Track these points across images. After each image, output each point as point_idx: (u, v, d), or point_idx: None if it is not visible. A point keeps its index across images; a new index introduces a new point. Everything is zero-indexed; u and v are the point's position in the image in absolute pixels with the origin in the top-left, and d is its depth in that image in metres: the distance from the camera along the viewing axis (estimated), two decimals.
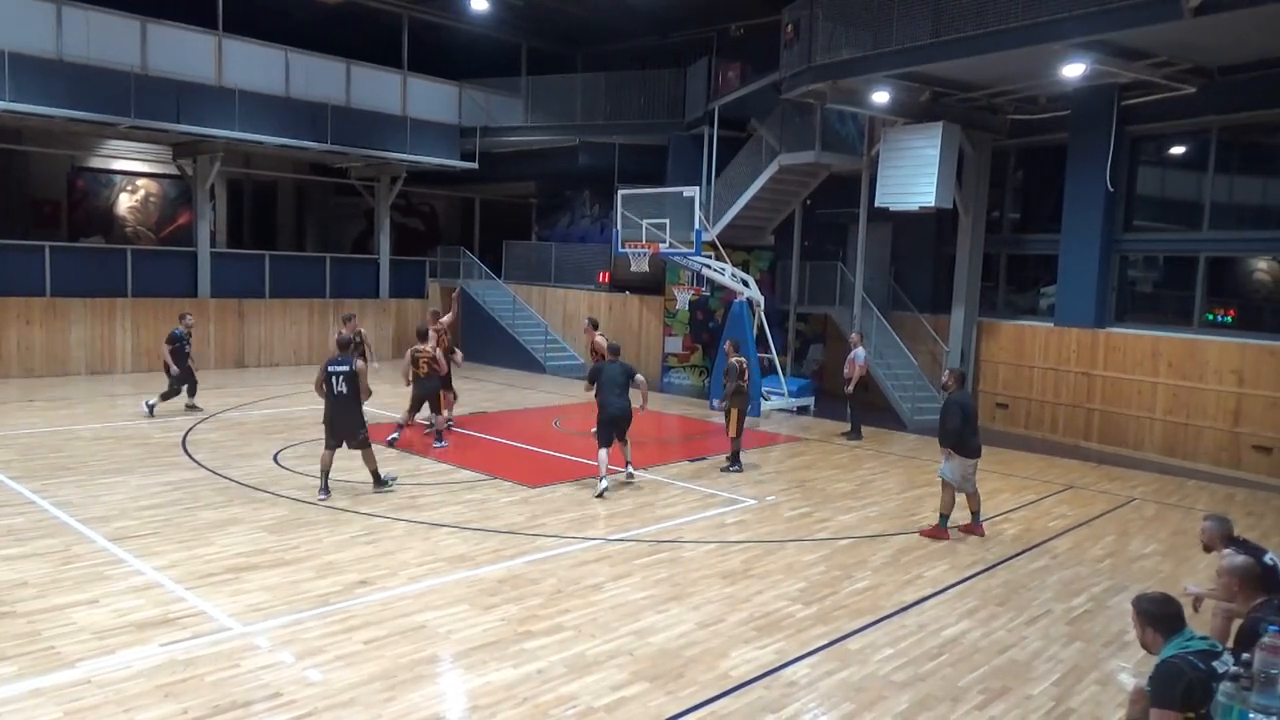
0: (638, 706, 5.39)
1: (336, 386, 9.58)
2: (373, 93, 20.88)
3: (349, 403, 9.63)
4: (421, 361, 12.29)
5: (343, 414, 9.65)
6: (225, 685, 5.39)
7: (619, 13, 21.17)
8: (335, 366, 9.64)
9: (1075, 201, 15.12)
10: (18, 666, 5.51)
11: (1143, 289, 15.72)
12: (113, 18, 17.08)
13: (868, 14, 14.06)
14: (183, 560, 7.54)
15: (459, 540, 8.43)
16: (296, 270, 22.16)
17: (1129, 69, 12.52)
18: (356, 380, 9.60)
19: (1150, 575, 8.35)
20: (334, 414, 9.66)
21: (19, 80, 15.80)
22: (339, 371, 9.59)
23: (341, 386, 9.57)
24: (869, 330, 16.70)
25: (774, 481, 11.54)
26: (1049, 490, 11.72)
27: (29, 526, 8.29)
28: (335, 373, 9.59)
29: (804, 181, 18.54)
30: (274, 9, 19.93)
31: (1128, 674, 6.14)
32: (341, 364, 9.66)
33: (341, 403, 9.61)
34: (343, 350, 10.02)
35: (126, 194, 23.49)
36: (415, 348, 12.46)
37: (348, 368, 9.62)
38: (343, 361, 9.70)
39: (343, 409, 9.64)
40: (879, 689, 5.78)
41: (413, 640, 6.16)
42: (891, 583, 7.81)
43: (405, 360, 12.49)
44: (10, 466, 10.46)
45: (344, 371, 9.59)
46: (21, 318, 17.54)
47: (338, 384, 9.58)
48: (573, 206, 25.73)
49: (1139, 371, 14.45)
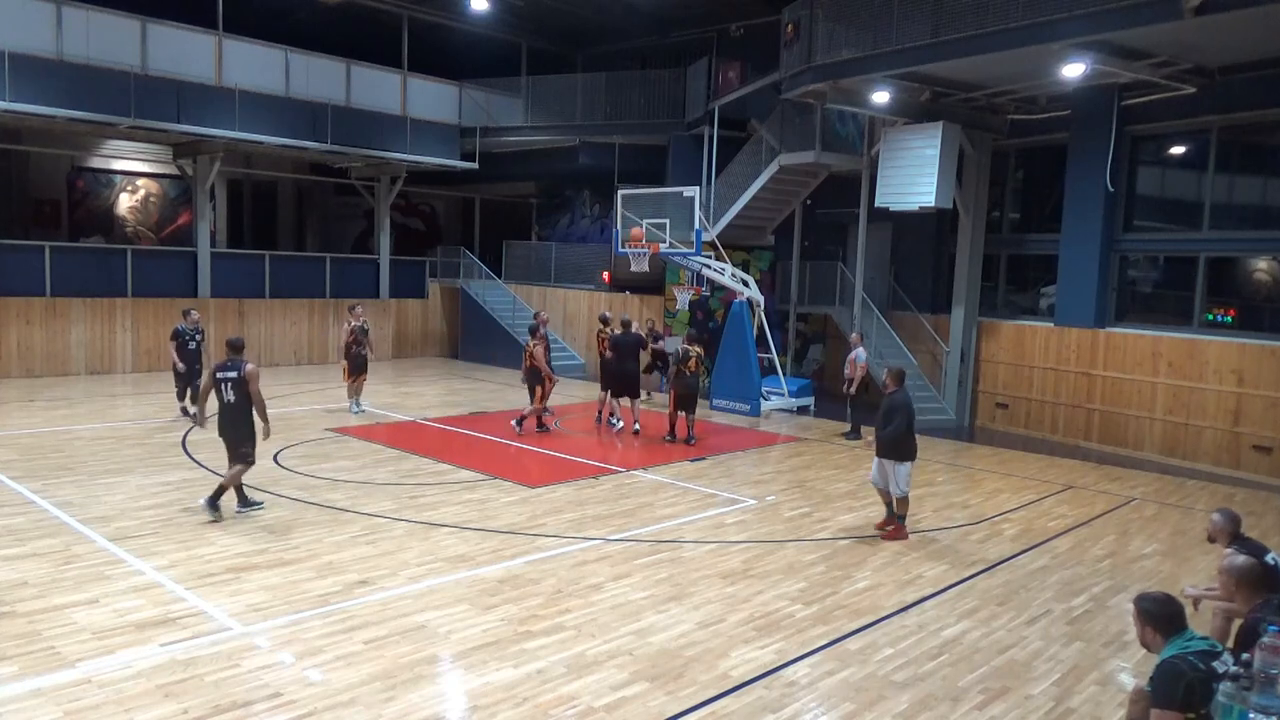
0: (638, 706, 5.39)
1: (225, 393, 8.69)
2: (373, 93, 20.88)
3: (236, 411, 8.71)
4: (525, 355, 13.64)
5: (229, 423, 8.74)
6: (225, 685, 5.39)
7: (619, 12, 21.18)
8: (224, 372, 8.71)
9: (1075, 201, 15.13)
10: (18, 666, 5.51)
11: (1143, 289, 15.72)
12: (113, 18, 17.08)
13: (868, 14, 14.06)
14: (183, 560, 7.54)
15: (459, 540, 8.44)
16: (297, 270, 22.16)
17: (1129, 69, 12.53)
18: (246, 387, 8.67)
19: (1150, 575, 8.36)
20: (221, 423, 8.77)
21: (19, 80, 15.80)
22: (228, 378, 8.69)
23: (230, 394, 8.68)
24: (869, 330, 16.70)
25: (774, 481, 11.54)
26: (1049, 490, 11.72)
27: (29, 526, 8.29)
28: (225, 379, 8.69)
29: (804, 181, 18.55)
30: (274, 9, 19.93)
31: (1128, 674, 6.15)
32: (230, 369, 8.72)
33: (228, 412, 8.72)
34: (237, 353, 8.95)
35: (127, 194, 23.50)
36: (532, 343, 13.60)
37: (236, 374, 8.68)
38: (232, 366, 8.74)
39: (230, 418, 8.73)
40: (879, 689, 5.78)
41: (413, 640, 6.16)
42: (892, 583, 7.81)
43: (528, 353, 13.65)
44: (11, 466, 10.46)
45: (232, 378, 8.68)
46: (21, 318, 17.54)
47: (226, 391, 8.68)
48: (573, 206, 25.74)
49: (1139, 371, 14.46)
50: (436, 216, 29.50)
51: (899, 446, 8.95)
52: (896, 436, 8.91)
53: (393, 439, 13.03)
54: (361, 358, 14.68)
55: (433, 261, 25.07)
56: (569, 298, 22.91)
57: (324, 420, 14.14)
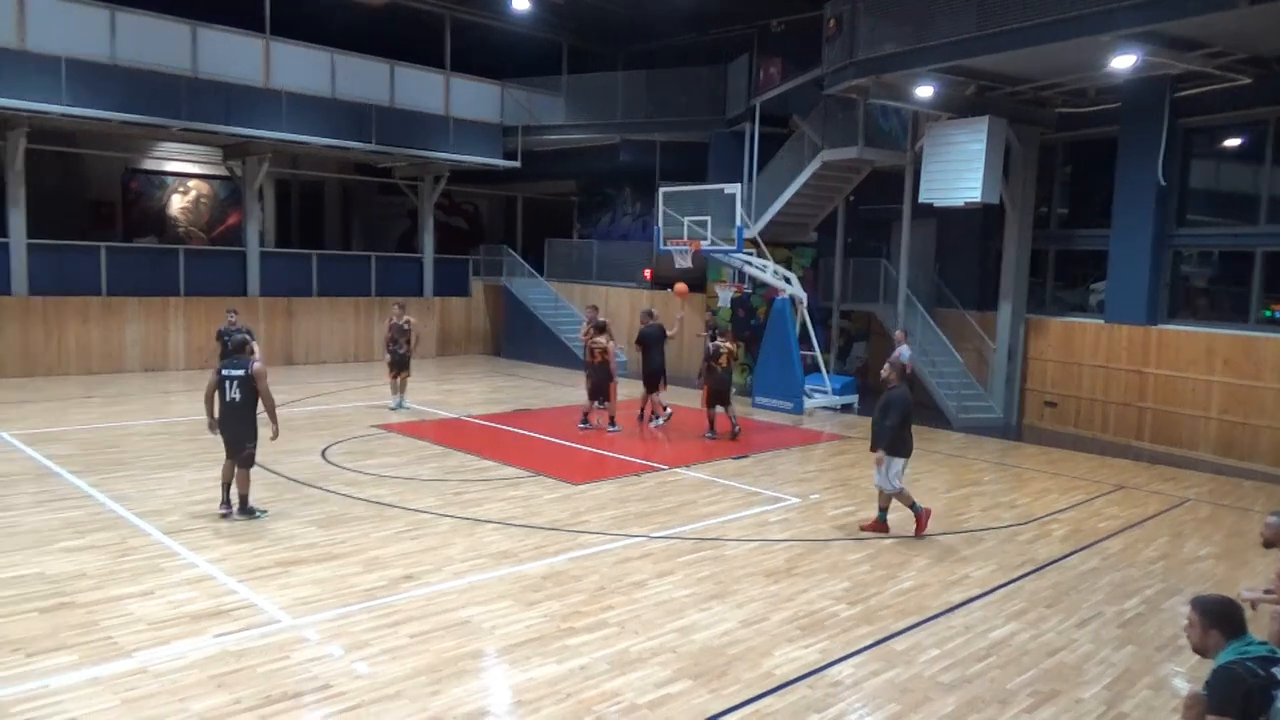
0: (681, 704, 5.39)
1: (230, 392, 8.56)
2: (416, 93, 21.11)
3: (243, 410, 8.61)
4: (595, 351, 13.62)
5: (234, 423, 8.63)
6: (276, 676, 5.50)
7: (660, 10, 21.16)
8: (230, 370, 8.62)
9: (1126, 196, 14.81)
10: (78, 655, 5.67)
11: (1196, 284, 15.35)
12: (164, 22, 17.49)
13: (911, 7, 13.89)
14: (234, 554, 7.70)
15: (502, 536, 8.50)
16: (343, 269, 22.49)
17: (1182, 60, 12.24)
18: (253, 384, 8.60)
19: (1205, 578, 8.17)
20: (225, 423, 8.65)
21: (75, 85, 16.23)
22: (234, 376, 8.57)
23: (235, 393, 8.56)
24: (914, 328, 16.51)
25: (817, 480, 11.47)
26: (1099, 490, 11.50)
27: (88, 519, 8.52)
28: (230, 377, 8.58)
29: (847, 177, 18.38)
30: (319, 11, 20.23)
31: (1182, 679, 6.02)
32: (236, 367, 8.63)
33: (234, 410, 8.59)
34: (238, 352, 8.84)
35: (179, 195, 24.04)
36: (592, 339, 13.70)
37: (243, 371, 8.59)
38: (238, 364, 8.65)
39: (235, 417, 8.62)
40: (925, 690, 5.72)
41: (457, 635, 6.22)
42: (937, 583, 7.73)
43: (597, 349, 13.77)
44: (70, 461, 10.75)
45: (239, 376, 8.57)
46: (79, 316, 18.01)
47: (231, 389, 8.56)
48: (614, 204, 25.79)
49: (1193, 369, 14.12)
50: (479, 215, 29.74)
51: (893, 441, 8.80)
52: (893, 429, 8.72)
53: (437, 436, 13.17)
54: (399, 356, 14.88)
55: (475, 260, 25.29)
56: (610, 295, 22.95)
57: (370, 417, 14.33)
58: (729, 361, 13.55)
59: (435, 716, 5.12)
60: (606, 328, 14.01)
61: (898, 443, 8.84)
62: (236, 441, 8.66)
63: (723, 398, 13.53)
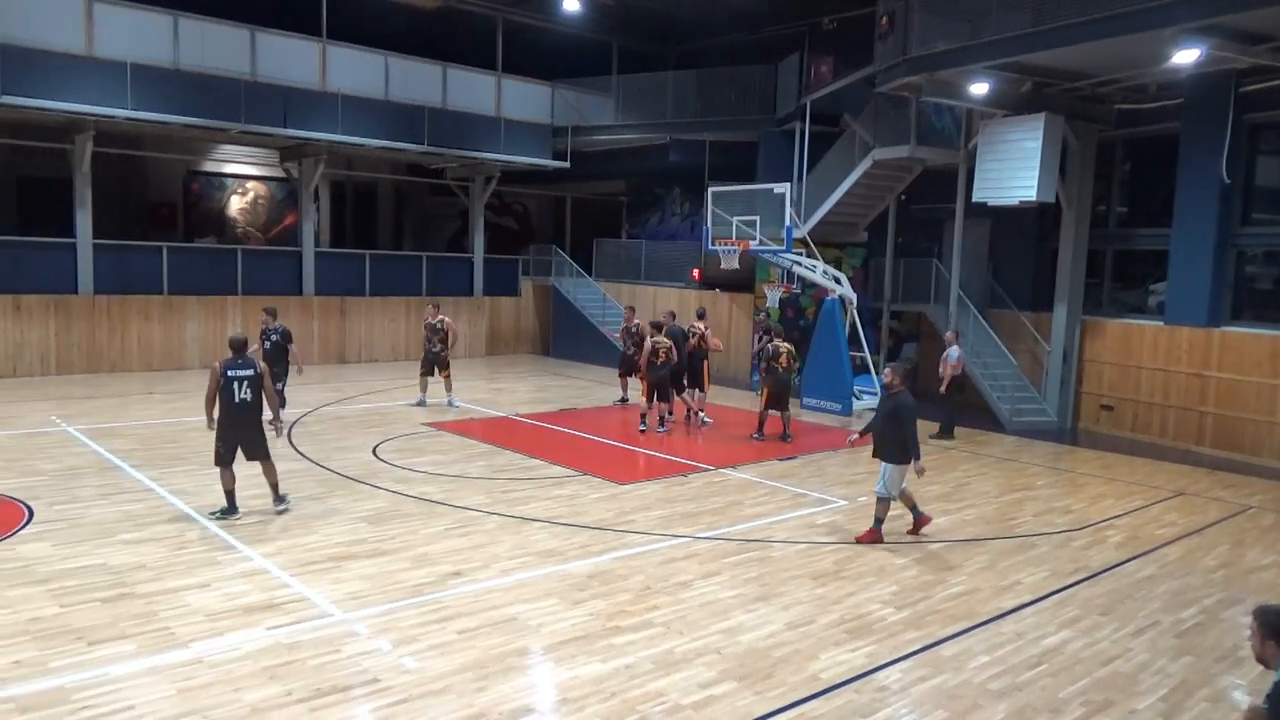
0: (726, 705, 5.38)
1: (240, 393, 8.43)
2: (468, 94, 21.36)
3: (254, 411, 8.57)
4: (661, 351, 13.43)
5: (247, 424, 8.56)
6: (326, 670, 5.60)
7: (709, 9, 21.12)
8: (237, 370, 8.45)
9: (1188, 194, 14.41)
10: (137, 645, 5.83)
11: (1261, 285, 14.88)
12: (224, 28, 17.96)
13: (966, 3, 13.68)
14: (287, 548, 7.86)
15: (549, 535, 8.56)
16: (395, 269, 22.81)
17: (1247, 54, 11.88)
18: (262, 384, 8.56)
19: (1268, 588, 7.92)
20: (235, 424, 8.51)
21: (139, 90, 16.70)
22: (243, 376, 8.45)
23: (245, 393, 8.44)
24: (965, 329, 16.26)
25: (866, 482, 11.33)
26: (1157, 496, 11.22)
27: (148, 512, 8.76)
28: (238, 377, 8.43)
29: (898, 176, 18.16)
30: (374, 15, 20.56)
31: (1242, 691, 5.85)
32: (244, 367, 8.50)
33: (246, 411, 8.51)
34: (240, 351, 8.64)
35: (237, 196, 24.60)
36: (655, 339, 13.54)
37: (252, 371, 8.51)
38: (245, 364, 8.53)
39: (248, 419, 8.56)
40: (974, 697, 5.63)
41: (503, 632, 6.28)
42: (988, 588, 7.60)
43: (645, 349, 13.58)
44: (132, 455, 11.07)
45: (248, 376, 8.47)
46: (141, 314, 18.53)
47: (241, 390, 8.42)
48: (663, 204, 25.79)
49: (1257, 373, 13.70)
50: (529, 215, 29.95)
51: (898, 448, 8.58)
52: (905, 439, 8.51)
53: (485, 434, 13.30)
54: (433, 354, 15.07)
55: (525, 260, 25.49)
56: (659, 295, 22.95)
57: (419, 415, 14.51)
58: (789, 361, 13.41)
59: (481, 712, 5.17)
60: (663, 327, 13.97)
61: (901, 449, 8.62)
62: (253, 443, 8.65)
63: (783, 400, 13.42)
